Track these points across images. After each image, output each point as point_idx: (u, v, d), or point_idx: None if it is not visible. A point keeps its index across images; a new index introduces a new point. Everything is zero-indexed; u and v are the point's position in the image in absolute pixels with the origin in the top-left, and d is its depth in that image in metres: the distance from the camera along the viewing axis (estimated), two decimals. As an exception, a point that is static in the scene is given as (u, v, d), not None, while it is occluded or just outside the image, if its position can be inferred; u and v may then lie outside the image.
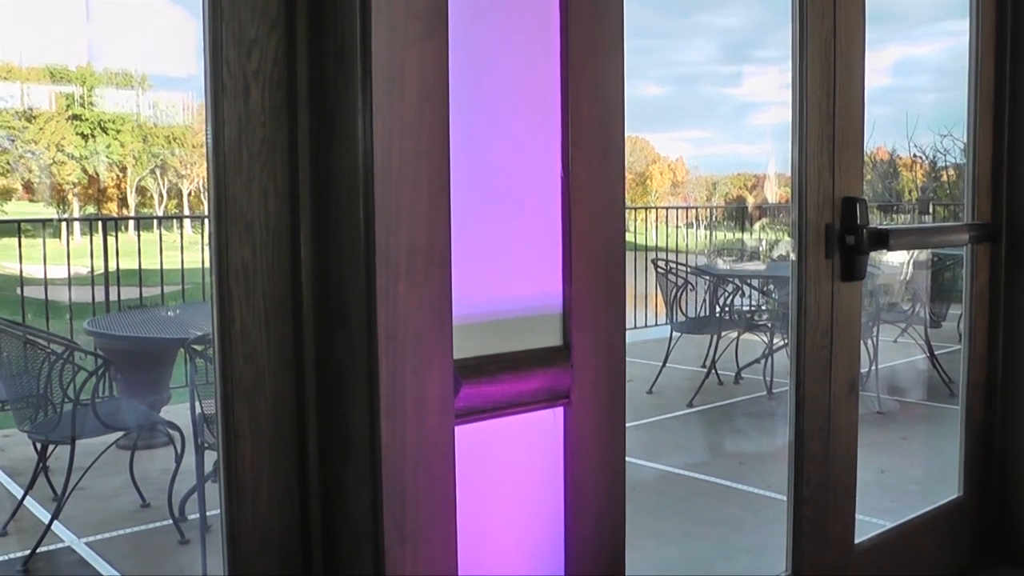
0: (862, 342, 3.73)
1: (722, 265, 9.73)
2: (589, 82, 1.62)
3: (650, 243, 10.59)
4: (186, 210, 10.18)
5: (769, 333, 6.94)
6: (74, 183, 9.58)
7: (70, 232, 7.78)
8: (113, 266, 6.59)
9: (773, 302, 7.61)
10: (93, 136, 9.25)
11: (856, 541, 2.47)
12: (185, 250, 7.61)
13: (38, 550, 3.74)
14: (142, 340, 4.79)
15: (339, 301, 1.39)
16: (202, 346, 3.62)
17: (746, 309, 7.69)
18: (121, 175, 9.91)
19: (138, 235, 8.16)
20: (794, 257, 2.29)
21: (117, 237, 7.24)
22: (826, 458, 2.34)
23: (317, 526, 1.48)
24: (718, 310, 7.29)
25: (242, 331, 1.41)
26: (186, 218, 9.50)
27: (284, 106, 1.42)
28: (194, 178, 10.26)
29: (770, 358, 6.67)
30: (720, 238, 11.92)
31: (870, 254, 2.37)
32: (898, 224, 10.08)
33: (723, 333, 6.95)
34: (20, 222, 6.82)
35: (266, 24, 1.40)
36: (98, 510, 4.12)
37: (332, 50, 1.39)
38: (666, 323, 7.21)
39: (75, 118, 9.02)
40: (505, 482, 1.60)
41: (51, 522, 3.88)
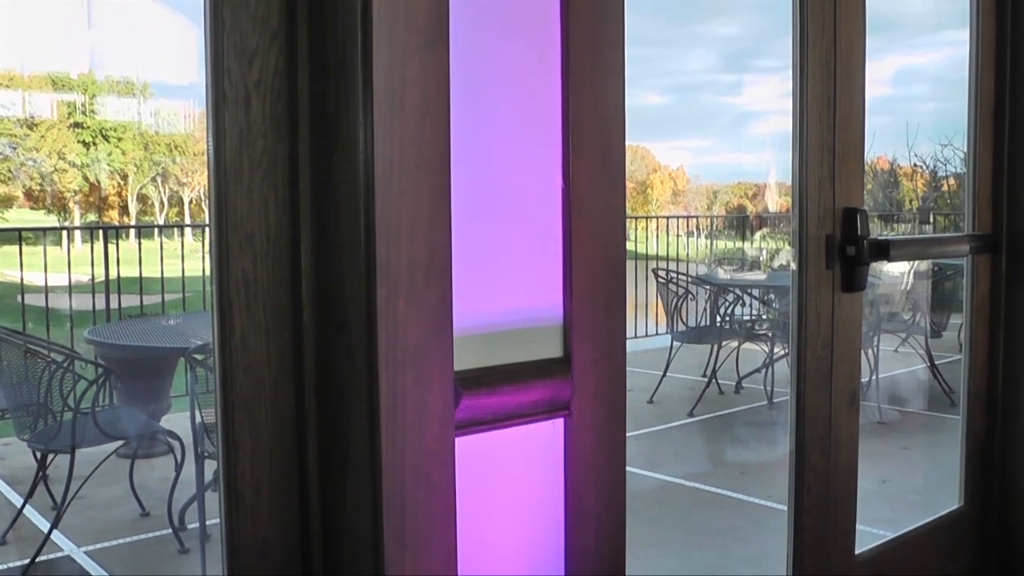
0: (863, 352, 3.73)
1: (723, 274, 9.74)
2: (590, 93, 1.62)
3: (651, 252, 10.60)
4: (187, 218, 10.19)
5: (770, 343, 6.94)
6: (75, 191, 9.59)
7: (71, 240, 7.78)
8: (114, 274, 6.59)
9: (774, 312, 7.61)
10: (95, 144, 9.27)
11: (857, 552, 2.47)
12: (186, 258, 7.61)
13: (37, 559, 3.74)
14: (143, 349, 4.79)
15: (339, 312, 1.39)
16: (203, 355, 3.62)
17: (747, 319, 7.69)
18: (122, 183, 9.92)
19: (139, 243, 8.17)
20: (795, 267, 2.29)
21: (118, 245, 7.25)
22: (827, 469, 2.34)
23: (317, 536, 1.48)
24: (719, 320, 7.29)
25: (242, 342, 1.41)
26: (187, 226, 9.50)
27: (285, 117, 1.42)
28: (195, 186, 10.27)
29: (771, 368, 6.67)
30: (721, 247, 11.92)
31: (871, 265, 2.37)
32: (899, 234, 10.09)
33: (724, 343, 6.95)
34: (21, 230, 6.83)
35: (267, 35, 1.41)
36: (98, 519, 4.12)
37: (333, 61, 1.39)
38: (667, 332, 7.21)
39: (76, 126, 9.04)
40: (505, 493, 1.60)
41: (50, 531, 3.88)
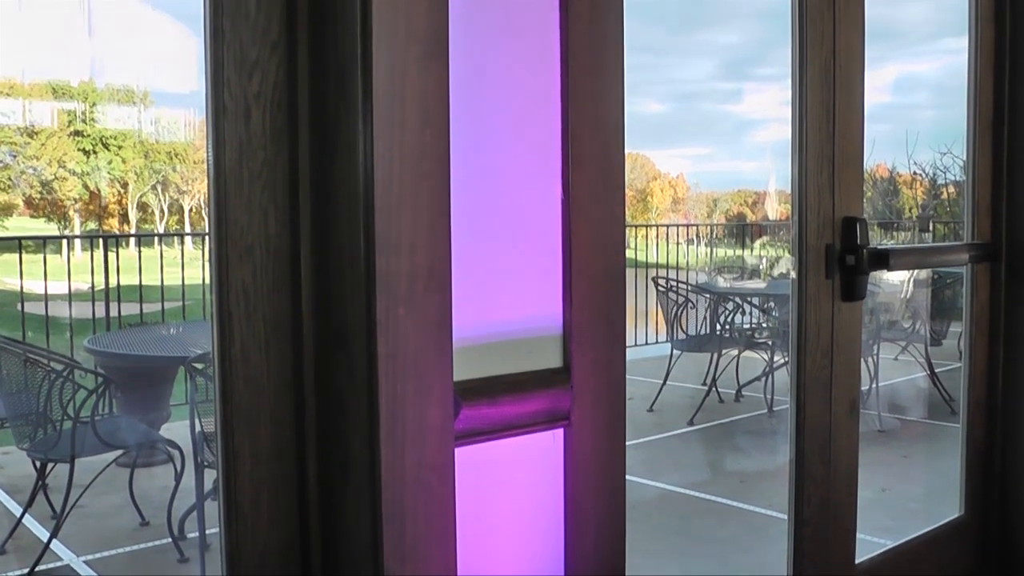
0: (863, 360, 3.73)
1: (722, 283, 9.74)
2: (589, 102, 1.63)
3: (651, 260, 10.60)
4: (187, 226, 10.19)
5: (769, 351, 6.94)
6: (75, 199, 9.59)
7: (71, 248, 7.78)
8: (114, 282, 6.59)
9: (773, 320, 7.61)
10: (95, 152, 9.27)
11: (857, 561, 2.46)
12: (186, 266, 7.61)
13: (37, 568, 3.73)
14: (142, 358, 4.79)
15: (339, 323, 1.40)
16: (202, 364, 3.62)
17: (746, 327, 7.69)
18: (122, 191, 9.92)
19: (139, 251, 8.17)
20: (794, 275, 2.29)
21: (118, 253, 7.25)
22: (827, 478, 2.33)
23: (317, 547, 1.48)
24: (719, 328, 7.29)
25: (242, 353, 1.41)
26: (187, 235, 9.50)
27: (285, 128, 1.42)
28: (195, 194, 10.27)
29: (771, 376, 6.67)
30: (720, 255, 11.92)
31: (870, 273, 2.37)
32: (898, 242, 10.10)
33: (723, 351, 6.95)
34: (21, 239, 6.83)
35: (267, 46, 1.41)
36: (97, 528, 4.11)
37: (333, 72, 1.39)
38: (666, 340, 7.21)
39: (77, 134, 9.04)
40: (505, 503, 1.60)
41: (50, 540, 3.88)
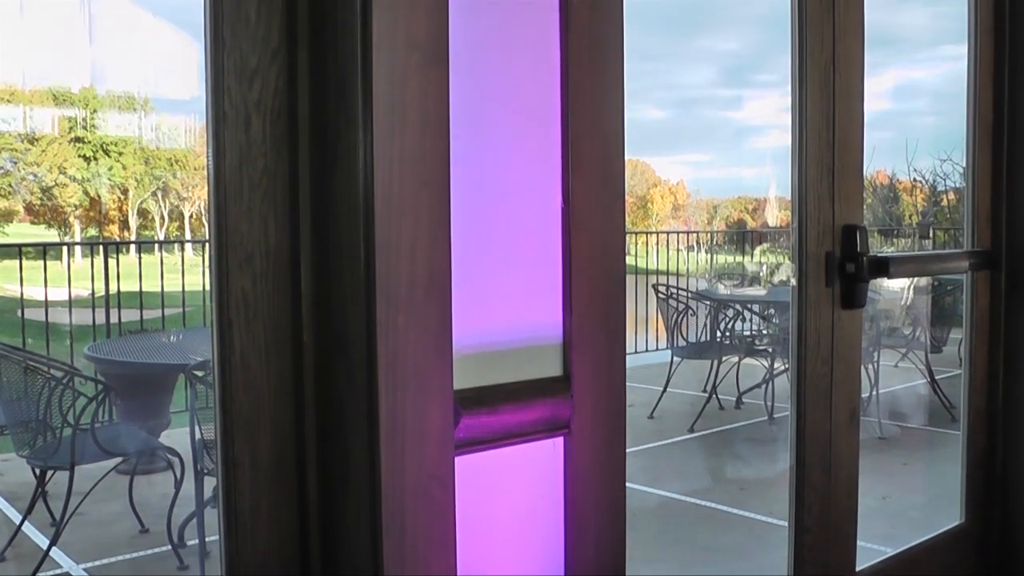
0: (863, 367, 3.72)
1: (723, 290, 9.73)
2: (589, 109, 1.63)
3: (651, 266, 10.60)
4: (187, 232, 10.19)
5: (770, 358, 6.93)
6: (76, 205, 9.59)
7: (71, 254, 7.78)
8: (114, 289, 6.59)
9: (774, 327, 7.61)
10: (95, 158, 9.27)
11: (858, 569, 2.46)
12: (186, 273, 7.61)
13: (36, 576, 3.73)
14: (143, 366, 4.78)
15: (339, 331, 1.39)
16: (203, 372, 3.62)
17: (747, 334, 7.69)
18: (123, 197, 9.92)
19: (139, 257, 8.17)
20: (795, 283, 2.29)
21: (118, 259, 7.25)
22: (827, 486, 2.33)
23: (316, 556, 1.48)
24: (719, 335, 7.29)
25: (242, 360, 1.41)
26: (187, 242, 9.50)
27: (285, 136, 1.42)
28: (195, 200, 10.27)
29: (771, 383, 6.66)
30: (721, 261, 11.92)
31: (870, 281, 2.37)
32: (899, 249, 10.10)
33: (724, 358, 6.95)
34: (22, 246, 6.83)
35: (267, 54, 1.41)
36: (97, 536, 4.10)
37: (333, 80, 1.39)
38: (667, 347, 7.20)
39: (77, 140, 9.04)
40: (505, 512, 1.60)
41: (49, 548, 3.87)
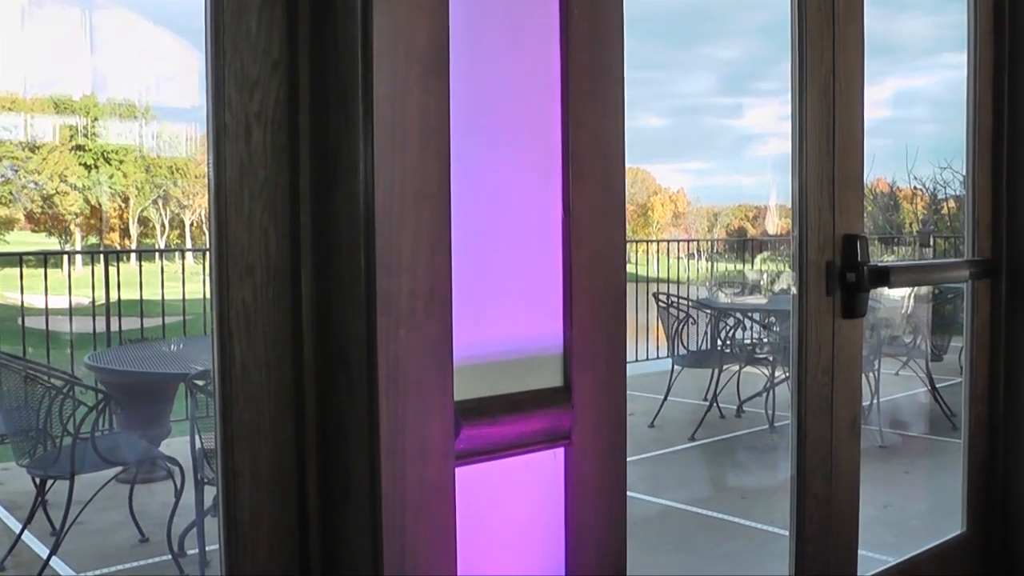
0: (863, 375, 3.72)
1: (723, 298, 9.74)
2: (590, 120, 1.63)
3: (651, 274, 10.60)
4: (188, 240, 10.20)
5: (770, 366, 6.93)
6: (76, 213, 9.60)
7: (72, 263, 7.79)
8: (115, 297, 6.59)
9: (774, 335, 7.61)
10: (96, 167, 9.29)
11: (859, 578, 2.46)
12: (187, 281, 7.62)
13: (36, 585, 3.73)
14: (143, 375, 4.79)
15: (340, 343, 1.39)
16: (203, 381, 3.62)
17: (747, 342, 7.69)
18: (123, 205, 9.94)
19: (139, 266, 8.17)
20: (795, 292, 2.29)
21: (119, 268, 7.26)
22: (828, 496, 2.33)
23: (317, 566, 1.47)
24: (719, 343, 7.29)
25: (243, 372, 1.40)
26: (188, 251, 9.51)
27: (286, 147, 1.42)
28: (196, 208, 10.29)
29: (772, 391, 6.66)
30: (721, 269, 11.93)
31: (871, 290, 2.37)
32: (899, 257, 10.10)
33: (724, 366, 6.95)
34: (23, 254, 6.83)
35: (268, 65, 1.41)
36: (97, 545, 4.10)
37: (333, 91, 1.39)
38: (667, 356, 7.21)
39: (78, 148, 9.06)
40: (506, 523, 1.60)
41: (49, 557, 3.87)
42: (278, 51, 1.41)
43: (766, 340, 7.74)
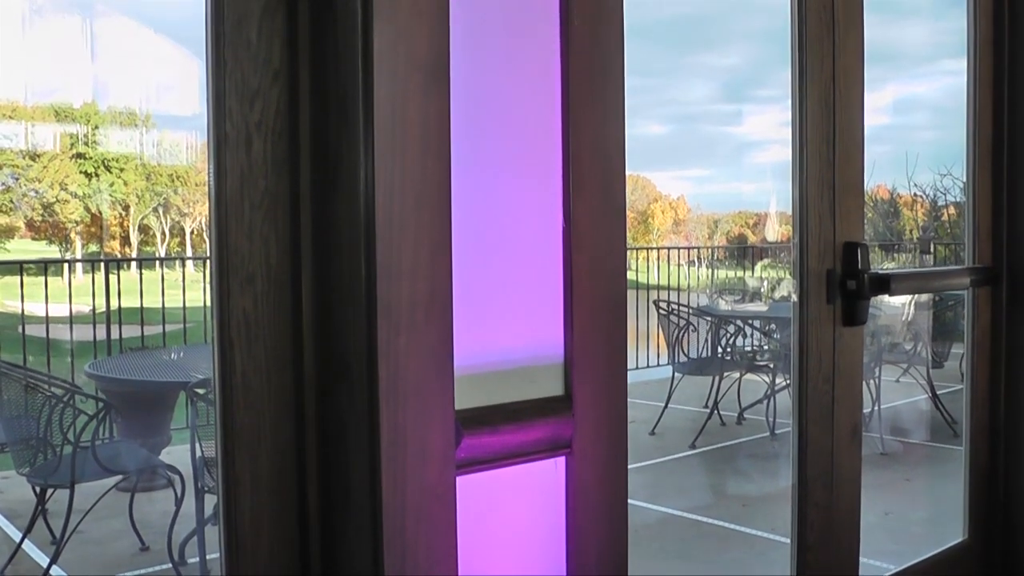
0: (864, 382, 3.72)
1: (724, 305, 9.74)
2: (590, 128, 1.63)
3: (652, 282, 10.60)
4: (189, 248, 10.20)
5: (771, 374, 6.93)
6: (77, 221, 9.61)
7: (72, 271, 7.79)
8: (115, 305, 6.59)
9: (775, 342, 7.61)
10: (96, 175, 9.29)
11: (860, 586, 2.45)
12: (187, 289, 7.62)
13: (36, 594, 3.73)
14: (144, 384, 4.78)
15: (340, 352, 1.39)
16: (204, 390, 3.61)
17: (748, 349, 7.69)
18: (124, 213, 9.94)
19: (140, 273, 8.18)
20: (796, 299, 2.29)
21: (119, 275, 7.26)
22: (829, 504, 2.32)
23: (317, 574, 1.47)
24: (720, 351, 7.29)
25: (243, 381, 1.40)
26: (188, 259, 9.51)
27: (286, 157, 1.42)
28: (196, 216, 10.29)
29: (772, 399, 6.66)
30: (722, 276, 11.93)
31: (871, 298, 2.37)
32: (900, 264, 10.10)
33: (725, 374, 6.94)
34: (23, 263, 6.84)
35: (269, 75, 1.41)
36: (97, 554, 4.10)
37: (334, 101, 1.39)
38: (668, 363, 7.20)
39: (79, 156, 9.06)
40: (506, 531, 1.59)
41: (49, 566, 3.86)
42: (279, 61, 1.42)
43: (766, 347, 7.74)
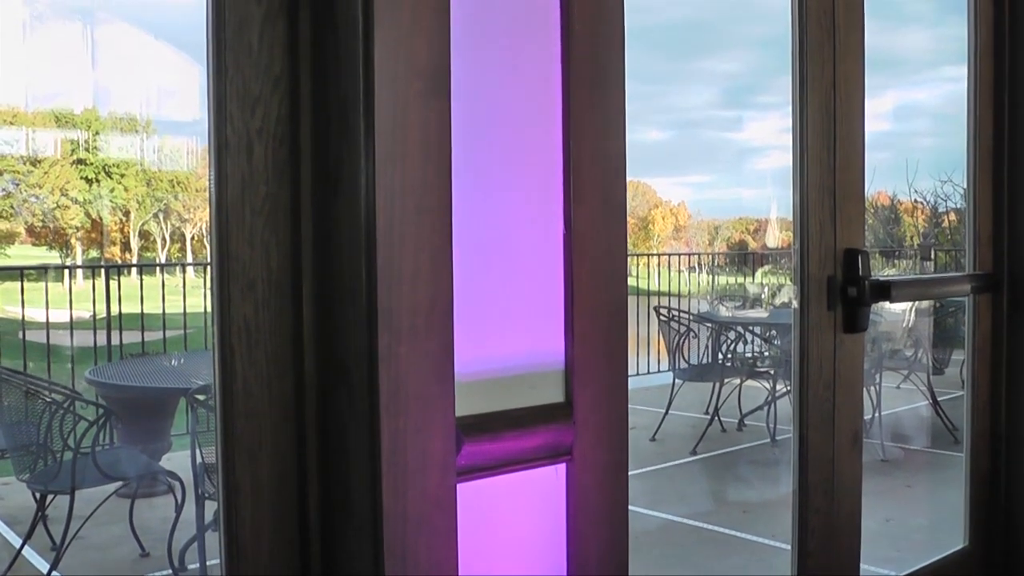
0: (865, 389, 3.72)
1: (724, 311, 9.74)
2: (591, 135, 1.63)
3: (652, 288, 10.60)
4: (189, 254, 10.21)
5: (772, 380, 6.92)
6: (77, 227, 9.62)
7: (72, 276, 7.79)
8: (115, 311, 6.59)
9: (775, 349, 7.60)
10: (97, 180, 9.30)
11: (861, 594, 2.45)
12: (188, 295, 7.62)
13: (36, 600, 3.72)
14: (144, 390, 4.78)
15: (341, 358, 1.39)
16: (204, 396, 3.61)
17: (749, 356, 7.68)
18: (124, 219, 9.95)
19: (140, 279, 8.18)
20: (796, 305, 2.28)
21: (120, 281, 7.26)
22: (830, 511, 2.32)
23: (317, 582, 1.47)
24: (720, 357, 7.28)
25: (244, 387, 1.40)
26: (188, 265, 9.51)
27: (287, 163, 1.42)
28: (197, 222, 10.30)
29: (773, 405, 6.65)
30: (722, 282, 11.93)
31: (872, 305, 2.37)
32: (900, 271, 10.10)
33: (726, 380, 6.94)
34: (23, 268, 6.84)
35: (269, 82, 1.41)
36: (97, 560, 4.09)
37: (335, 108, 1.39)
38: (668, 369, 7.20)
39: (79, 162, 9.07)
40: (507, 538, 1.59)
41: (50, 572, 3.86)
42: (280, 67, 1.42)
43: (767, 354, 7.74)
